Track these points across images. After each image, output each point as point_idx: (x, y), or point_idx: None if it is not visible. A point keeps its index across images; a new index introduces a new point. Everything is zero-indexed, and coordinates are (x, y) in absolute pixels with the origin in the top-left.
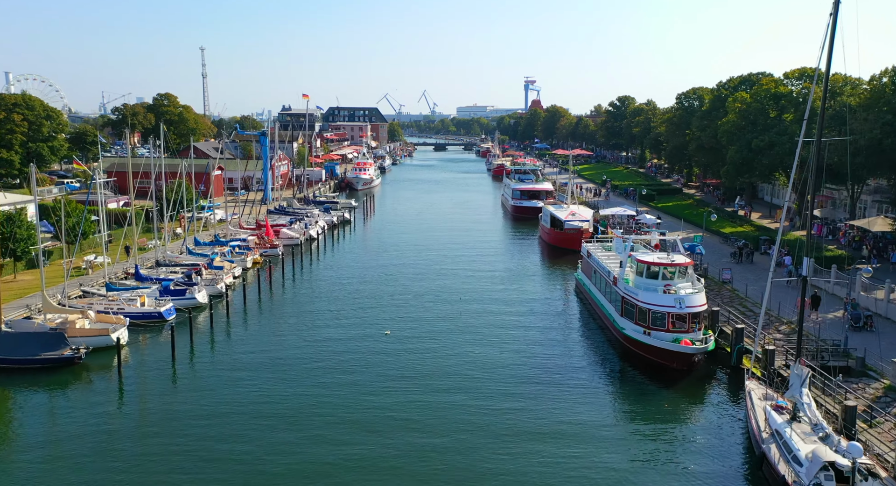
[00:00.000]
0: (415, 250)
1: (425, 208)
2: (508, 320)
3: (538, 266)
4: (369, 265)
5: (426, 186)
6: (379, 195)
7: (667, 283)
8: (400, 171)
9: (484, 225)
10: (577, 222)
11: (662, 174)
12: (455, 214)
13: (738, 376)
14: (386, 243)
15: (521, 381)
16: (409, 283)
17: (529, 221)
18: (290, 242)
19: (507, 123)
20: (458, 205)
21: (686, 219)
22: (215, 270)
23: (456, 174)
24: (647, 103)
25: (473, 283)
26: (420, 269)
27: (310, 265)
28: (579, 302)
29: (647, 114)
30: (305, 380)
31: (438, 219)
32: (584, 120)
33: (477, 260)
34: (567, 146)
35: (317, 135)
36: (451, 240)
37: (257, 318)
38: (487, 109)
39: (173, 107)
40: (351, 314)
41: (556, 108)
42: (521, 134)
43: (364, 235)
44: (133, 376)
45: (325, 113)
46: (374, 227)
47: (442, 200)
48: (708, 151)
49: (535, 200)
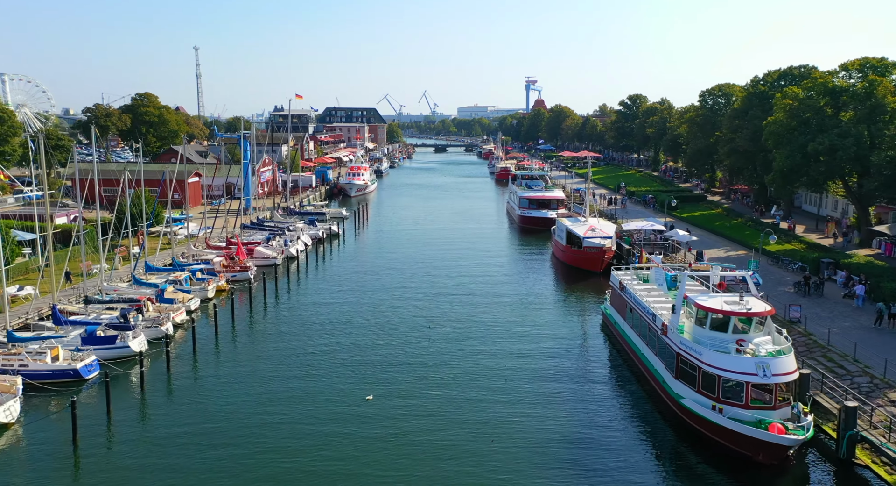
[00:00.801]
0: (410, 270)
1: (423, 218)
2: (520, 368)
3: (553, 292)
4: (356, 292)
5: (425, 191)
6: (374, 202)
7: (740, 337)
8: (398, 174)
9: (488, 238)
10: (598, 240)
11: (680, 178)
12: (456, 224)
13: (852, 478)
14: (378, 263)
15: (538, 464)
16: (401, 318)
17: (538, 234)
18: (265, 262)
19: (510, 124)
20: (459, 214)
21: (721, 233)
22: (165, 304)
23: (457, 178)
24: (660, 102)
25: (477, 313)
26: (416, 295)
27: (287, 292)
28: (608, 344)
29: (663, 113)
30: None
31: (438, 231)
32: (592, 120)
33: (481, 282)
34: (573, 148)
35: (310, 137)
36: (452, 257)
37: (210, 369)
38: (488, 110)
39: (153, 108)
40: (323, 367)
41: (560, 107)
42: (524, 135)
43: (354, 252)
44: (8, 472)
45: (322, 114)
46: (365, 241)
47: (442, 208)
48: (741, 155)
49: (545, 209)
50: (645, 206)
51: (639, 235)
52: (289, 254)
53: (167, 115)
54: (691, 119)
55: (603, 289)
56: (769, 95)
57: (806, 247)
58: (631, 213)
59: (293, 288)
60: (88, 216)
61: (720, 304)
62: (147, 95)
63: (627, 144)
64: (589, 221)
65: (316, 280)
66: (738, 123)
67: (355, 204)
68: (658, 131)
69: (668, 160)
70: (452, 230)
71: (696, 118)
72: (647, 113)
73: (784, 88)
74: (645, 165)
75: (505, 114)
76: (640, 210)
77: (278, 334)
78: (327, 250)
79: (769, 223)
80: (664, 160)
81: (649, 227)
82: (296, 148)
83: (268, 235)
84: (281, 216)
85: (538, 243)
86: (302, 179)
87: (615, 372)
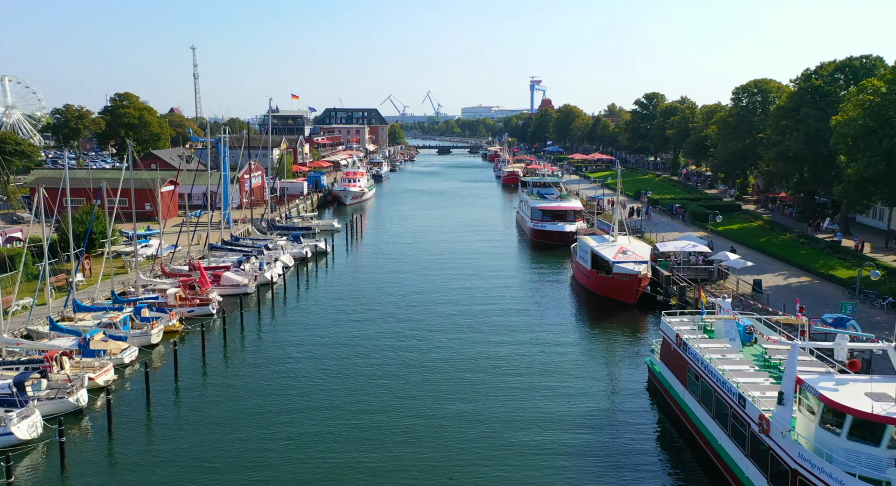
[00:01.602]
0: (407, 298)
1: (424, 230)
2: (542, 446)
3: (577, 329)
4: (340, 330)
5: (427, 198)
6: (371, 211)
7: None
8: (399, 178)
9: (497, 255)
10: (632, 266)
11: (704, 184)
12: (460, 238)
13: None
14: (370, 289)
15: None
16: (394, 375)
17: (554, 250)
18: (234, 291)
19: (515, 124)
20: (463, 225)
21: (769, 252)
22: (88, 358)
23: (461, 183)
24: (681, 101)
25: (485, 359)
26: (412, 332)
27: (255, 330)
28: (659, 415)
29: (684, 113)
30: None
31: (440, 246)
32: (603, 120)
33: (490, 313)
34: (583, 149)
35: (305, 139)
36: (456, 280)
37: (127, 467)
38: (493, 110)
39: (133, 109)
40: (289, 451)
41: (569, 107)
42: (530, 136)
43: (343, 275)
44: None
45: (321, 115)
46: (358, 260)
47: (445, 218)
48: (790, 160)
49: (561, 222)
50: (672, 216)
51: (677, 256)
52: (264, 279)
53: (149, 116)
54: (722, 119)
55: (638, 324)
56: (826, 90)
57: (887, 274)
58: (659, 226)
59: (265, 325)
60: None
61: (867, 403)
62: (127, 95)
63: (643, 146)
64: (618, 240)
65: (293, 313)
66: (786, 124)
67: (350, 213)
68: (679, 132)
69: (688, 163)
70: (456, 245)
71: (729, 118)
72: (666, 113)
73: (861, 82)
74: (663, 168)
75: (509, 114)
76: (668, 222)
77: (234, 400)
78: (312, 273)
79: (827, 240)
80: (684, 163)
81: (690, 247)
82: (289, 151)
83: (240, 256)
84: (260, 232)
85: (554, 262)
86: (292, 186)
87: (676, 465)
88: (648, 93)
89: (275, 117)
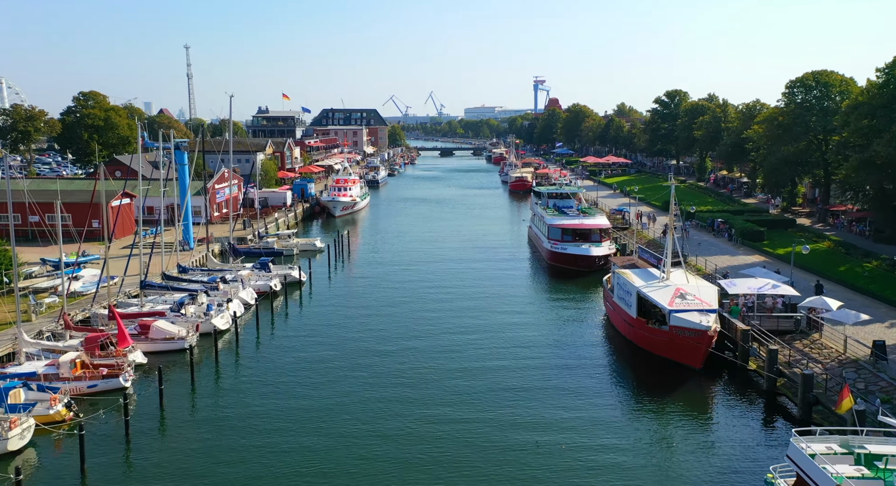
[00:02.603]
0: (399, 352)
1: (423, 250)
2: None
3: (626, 410)
4: (304, 408)
5: (426, 208)
6: (364, 224)
7: None
8: (397, 184)
9: (507, 284)
10: (696, 316)
11: (740, 192)
12: (464, 258)
13: None
14: (352, 336)
15: None
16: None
17: (578, 280)
18: (167, 346)
19: (520, 125)
20: (468, 243)
21: (860, 288)
22: None
23: (464, 190)
24: (708, 99)
25: (502, 447)
26: (402, 410)
27: (187, 409)
28: None
29: (714, 112)
30: None
31: (441, 273)
32: (617, 120)
33: (503, 371)
34: (594, 152)
35: (296, 142)
36: (459, 318)
37: None
38: (496, 110)
39: (99, 109)
40: None
41: (578, 107)
42: (537, 137)
43: (318, 316)
44: None
45: (318, 115)
46: (339, 293)
47: (445, 232)
48: (877, 168)
49: (586, 243)
50: (714, 234)
51: (746, 299)
52: (210, 328)
53: (116, 118)
54: (770, 119)
55: (709, 399)
56: None
57: None
58: (702, 247)
59: (202, 398)
60: None
61: None
62: (92, 94)
63: (663, 149)
64: (672, 277)
65: (245, 377)
66: (868, 123)
67: (340, 227)
68: (709, 134)
69: (717, 168)
70: (459, 271)
71: (779, 117)
72: (692, 112)
73: None
74: (686, 172)
75: (513, 114)
76: (711, 242)
77: None
78: (279, 313)
79: None
80: (711, 168)
81: (769, 288)
82: (275, 156)
83: (181, 297)
84: (217, 261)
85: (578, 295)
86: (273, 196)
87: None
88: (670, 90)
89: (264, 119)
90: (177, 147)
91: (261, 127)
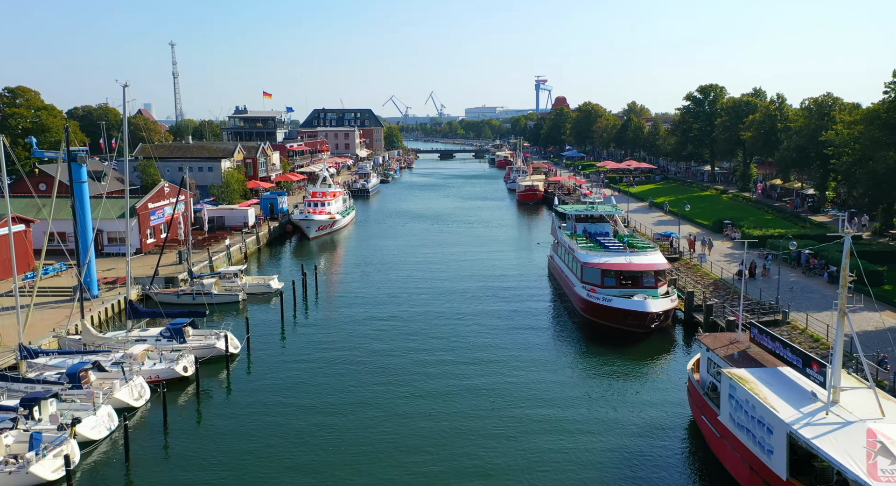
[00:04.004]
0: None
1: (413, 293)
2: None
3: None
4: None
5: (421, 226)
6: (342, 250)
7: None
8: (390, 193)
9: (527, 352)
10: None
11: (804, 208)
12: (464, 309)
13: None
14: (297, 468)
15: None
16: None
17: (628, 346)
18: None
19: (524, 125)
20: (470, 278)
21: None
22: None
23: (465, 202)
24: (753, 94)
25: None
26: None
27: None
28: None
29: (768, 109)
30: None
31: (435, 337)
32: (636, 120)
33: None
34: (608, 155)
35: (276, 146)
36: (460, 426)
37: None
38: (497, 111)
39: (26, 109)
40: None
41: (590, 105)
42: (544, 138)
43: (249, 423)
44: None
45: (309, 116)
46: (286, 375)
47: (443, 264)
48: None
49: (637, 289)
50: (805, 272)
51: None
52: (32, 479)
53: (49, 118)
54: (873, 116)
55: None
56: None
57: None
58: (799, 296)
59: None
60: None
61: None
62: (21, 89)
63: (695, 152)
64: (844, 401)
65: None
66: None
67: (315, 252)
68: (761, 135)
69: (766, 175)
70: (460, 325)
71: (884, 114)
72: (734, 110)
73: None
74: (724, 180)
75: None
76: (803, 283)
77: None
78: (174, 426)
79: None
80: (756, 175)
81: None
82: (245, 163)
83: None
84: (96, 331)
85: (633, 378)
86: (231, 214)
87: None
88: (704, 85)
89: (241, 120)
90: (73, 158)
91: (237, 129)
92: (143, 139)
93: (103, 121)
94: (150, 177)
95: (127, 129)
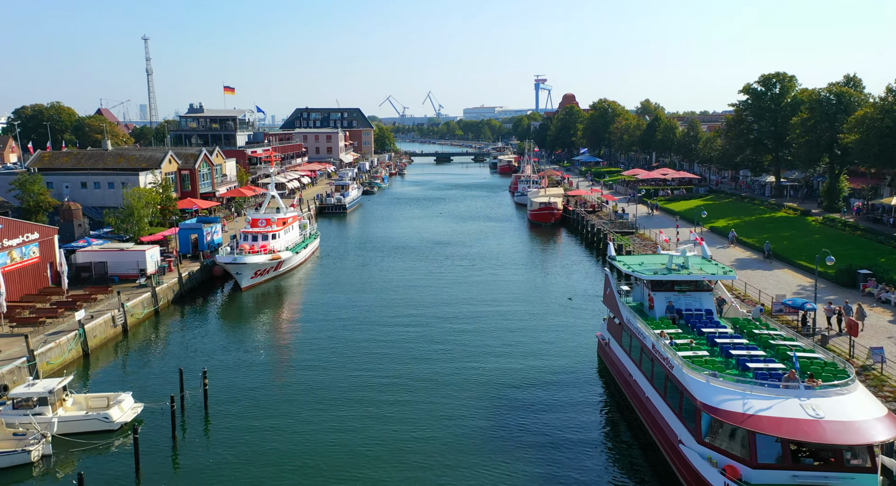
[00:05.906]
0: None
1: (377, 413)
2: None
3: None
4: None
5: (404, 266)
6: (283, 313)
7: None
8: (372, 210)
9: None
10: None
11: None
12: (465, 463)
13: None
14: None
15: None
16: None
17: None
18: None
19: (526, 126)
20: (484, 393)
21: None
22: None
23: (463, 225)
24: (845, 82)
25: None
26: None
27: None
28: None
29: (886, 103)
30: None
31: None
32: (665, 120)
33: None
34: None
35: (233, 152)
36: None
37: None
38: (496, 110)
39: None
40: None
41: (606, 103)
42: (551, 140)
43: None
44: None
45: (290, 117)
46: None
47: (435, 356)
48: None
49: (828, 469)
50: None
51: None
52: None
53: None
54: None
55: None
56: None
57: None
58: None
59: None
60: None
61: None
62: None
63: (753, 159)
64: None
65: None
66: None
67: (245, 315)
68: (875, 139)
69: (860, 191)
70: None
71: None
72: (820, 107)
73: None
74: (793, 196)
75: (514, 114)
76: None
77: None
78: None
79: None
80: (847, 191)
81: None
82: (180, 175)
83: None
84: None
85: None
86: (118, 258)
87: None
88: (768, 74)
89: (193, 120)
90: None
91: (186, 131)
92: (96, 143)
93: (49, 122)
94: (35, 197)
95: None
